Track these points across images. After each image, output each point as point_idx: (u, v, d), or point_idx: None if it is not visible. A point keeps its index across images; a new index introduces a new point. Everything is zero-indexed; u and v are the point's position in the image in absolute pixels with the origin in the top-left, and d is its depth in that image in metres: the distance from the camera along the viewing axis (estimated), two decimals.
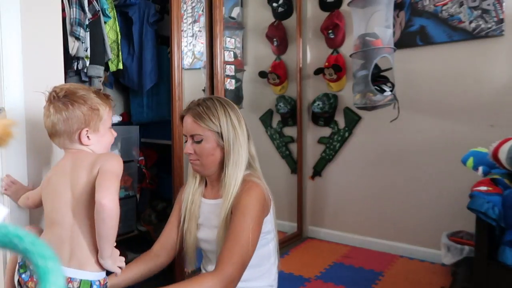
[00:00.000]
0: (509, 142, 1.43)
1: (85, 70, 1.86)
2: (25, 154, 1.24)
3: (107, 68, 2.06)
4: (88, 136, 1.01)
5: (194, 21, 2.54)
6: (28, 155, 1.25)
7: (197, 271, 1.36)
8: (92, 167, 0.96)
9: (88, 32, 1.83)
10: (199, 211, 1.25)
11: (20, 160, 1.23)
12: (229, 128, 1.15)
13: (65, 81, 1.45)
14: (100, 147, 1.05)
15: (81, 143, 1.01)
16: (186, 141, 1.20)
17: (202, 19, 2.30)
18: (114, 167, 0.96)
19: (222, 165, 1.18)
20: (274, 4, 2.92)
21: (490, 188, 1.36)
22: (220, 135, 1.15)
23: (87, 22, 1.81)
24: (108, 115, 1.05)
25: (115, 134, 1.10)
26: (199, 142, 1.15)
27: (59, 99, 0.98)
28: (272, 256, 1.28)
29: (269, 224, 1.22)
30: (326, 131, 2.88)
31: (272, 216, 1.23)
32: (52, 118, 0.99)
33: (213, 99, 1.19)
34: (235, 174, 1.14)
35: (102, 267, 0.97)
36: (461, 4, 2.27)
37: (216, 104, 1.17)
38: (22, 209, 1.24)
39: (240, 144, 1.17)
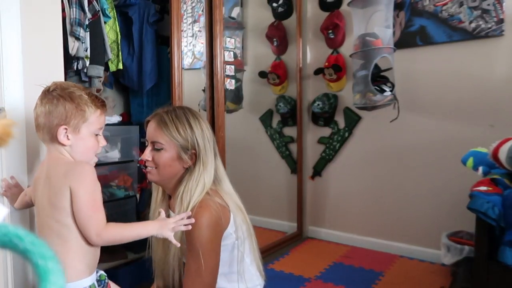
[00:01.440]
0: (509, 142, 1.43)
1: (85, 70, 1.86)
2: (25, 154, 1.24)
3: (107, 68, 2.06)
4: (67, 136, 0.95)
5: (194, 21, 2.54)
6: (28, 155, 1.25)
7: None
8: (62, 184, 0.91)
9: (88, 32, 1.83)
10: None
11: (20, 160, 1.23)
12: (201, 143, 1.10)
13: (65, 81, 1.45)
14: (78, 150, 0.97)
15: (58, 141, 0.95)
16: (146, 146, 1.15)
17: (202, 19, 2.30)
18: (87, 188, 0.90)
19: (181, 180, 1.12)
20: (274, 4, 2.92)
21: (490, 188, 1.36)
22: (185, 149, 1.09)
23: (87, 22, 1.81)
24: (97, 120, 0.99)
25: (103, 143, 1.02)
26: (158, 150, 1.10)
27: (49, 93, 0.96)
28: (247, 258, 1.20)
29: (231, 236, 1.15)
30: (326, 131, 2.88)
31: (233, 226, 1.14)
32: (37, 110, 0.96)
33: (185, 109, 1.15)
34: (191, 191, 1.07)
35: (80, 276, 0.95)
36: (461, 4, 2.27)
37: (188, 115, 1.12)
38: (22, 209, 1.24)
39: (207, 161, 1.11)
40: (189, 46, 2.56)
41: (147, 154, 1.11)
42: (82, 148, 0.98)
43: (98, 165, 1.99)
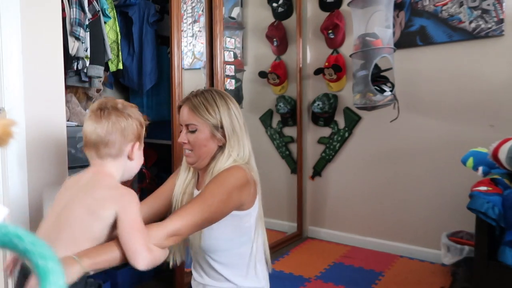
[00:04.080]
0: (509, 142, 1.43)
1: (85, 70, 1.87)
2: (25, 154, 1.24)
3: (107, 68, 2.06)
4: (134, 152, 0.98)
5: (194, 21, 2.54)
6: (28, 155, 1.25)
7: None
8: (103, 204, 0.89)
9: (88, 32, 1.84)
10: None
11: (20, 160, 1.23)
12: (227, 120, 1.14)
13: (65, 81, 1.45)
14: (133, 166, 1.02)
15: (122, 157, 0.97)
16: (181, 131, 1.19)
17: (202, 19, 2.30)
18: (134, 214, 0.90)
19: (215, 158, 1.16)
20: (274, 4, 2.92)
21: (490, 188, 1.36)
22: (217, 127, 1.13)
23: (87, 22, 1.81)
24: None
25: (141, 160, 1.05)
26: (193, 131, 1.14)
27: (116, 109, 0.95)
28: (258, 254, 1.20)
29: (252, 219, 1.16)
30: (326, 131, 2.88)
31: (257, 212, 1.18)
32: (103, 126, 0.94)
33: (212, 91, 1.18)
34: (221, 163, 1.12)
35: None
36: (461, 4, 2.27)
37: (215, 96, 1.16)
38: (22, 209, 1.24)
39: (238, 138, 1.16)
40: (189, 46, 2.56)
41: (183, 137, 1.16)
42: (136, 163, 1.03)
43: None
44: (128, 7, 2.21)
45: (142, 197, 2.39)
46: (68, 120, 1.82)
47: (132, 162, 1.01)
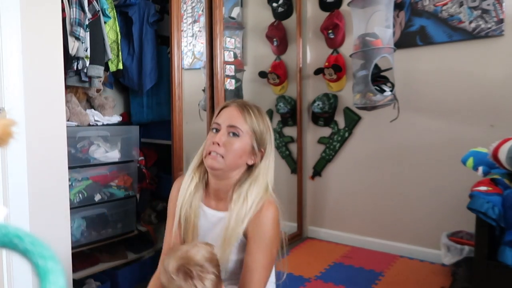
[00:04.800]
0: (509, 142, 1.43)
1: (85, 70, 1.87)
2: (25, 154, 1.24)
3: (107, 68, 2.06)
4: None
5: (194, 21, 2.54)
6: (28, 155, 1.25)
7: None
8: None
9: (88, 32, 1.83)
10: (198, 221, 1.13)
11: (20, 160, 1.23)
12: (270, 139, 1.09)
13: (65, 81, 1.45)
14: None
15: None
16: (216, 131, 1.07)
17: (202, 19, 2.30)
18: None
19: (237, 175, 1.09)
20: (274, 4, 2.92)
21: (490, 188, 1.36)
22: (258, 143, 1.06)
23: (87, 22, 1.81)
24: None
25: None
26: (235, 135, 1.05)
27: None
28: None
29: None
30: (326, 131, 2.88)
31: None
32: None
33: (262, 110, 1.13)
34: (256, 191, 1.05)
35: None
36: (461, 4, 2.27)
37: (266, 115, 1.13)
38: (22, 209, 1.24)
39: (269, 162, 1.10)
40: (189, 46, 2.56)
41: (220, 138, 1.04)
42: None
43: (98, 165, 2.00)
44: (128, 7, 2.21)
45: (142, 197, 2.40)
46: (68, 120, 1.82)
47: None
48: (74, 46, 1.74)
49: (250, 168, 1.10)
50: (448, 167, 2.33)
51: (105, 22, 1.98)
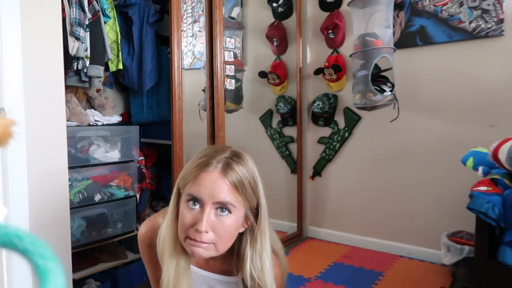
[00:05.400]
0: (509, 142, 1.43)
1: (85, 70, 1.87)
2: (25, 154, 1.24)
3: (107, 68, 2.06)
4: None
5: (194, 21, 2.54)
6: (28, 155, 1.25)
7: None
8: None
9: (88, 32, 1.84)
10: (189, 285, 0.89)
11: (20, 160, 1.23)
12: (263, 198, 0.87)
13: (65, 81, 1.45)
14: None
15: None
16: (194, 204, 0.80)
17: (202, 19, 2.30)
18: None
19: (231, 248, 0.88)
20: (274, 4, 2.92)
21: (490, 188, 1.36)
22: (251, 209, 0.86)
23: (87, 22, 1.82)
24: None
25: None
26: (225, 214, 0.80)
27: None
28: None
29: None
30: (326, 131, 2.88)
31: None
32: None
33: (245, 154, 0.88)
34: (266, 252, 0.87)
35: None
36: (461, 4, 2.27)
37: (252, 163, 0.87)
38: (22, 209, 1.24)
39: (266, 219, 0.89)
40: (189, 46, 2.56)
41: (208, 223, 0.78)
42: None
43: (98, 165, 2.00)
44: (128, 7, 2.21)
45: (142, 197, 2.40)
46: (68, 120, 1.82)
47: None
48: (74, 46, 1.74)
49: (243, 234, 0.90)
50: (448, 167, 2.33)
51: (105, 22, 1.99)
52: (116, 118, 2.15)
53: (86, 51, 1.83)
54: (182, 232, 0.81)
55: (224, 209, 0.80)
